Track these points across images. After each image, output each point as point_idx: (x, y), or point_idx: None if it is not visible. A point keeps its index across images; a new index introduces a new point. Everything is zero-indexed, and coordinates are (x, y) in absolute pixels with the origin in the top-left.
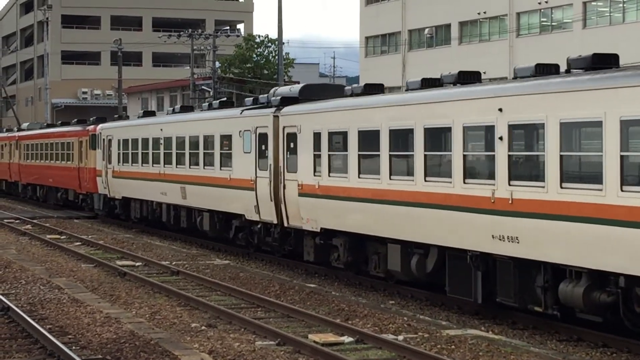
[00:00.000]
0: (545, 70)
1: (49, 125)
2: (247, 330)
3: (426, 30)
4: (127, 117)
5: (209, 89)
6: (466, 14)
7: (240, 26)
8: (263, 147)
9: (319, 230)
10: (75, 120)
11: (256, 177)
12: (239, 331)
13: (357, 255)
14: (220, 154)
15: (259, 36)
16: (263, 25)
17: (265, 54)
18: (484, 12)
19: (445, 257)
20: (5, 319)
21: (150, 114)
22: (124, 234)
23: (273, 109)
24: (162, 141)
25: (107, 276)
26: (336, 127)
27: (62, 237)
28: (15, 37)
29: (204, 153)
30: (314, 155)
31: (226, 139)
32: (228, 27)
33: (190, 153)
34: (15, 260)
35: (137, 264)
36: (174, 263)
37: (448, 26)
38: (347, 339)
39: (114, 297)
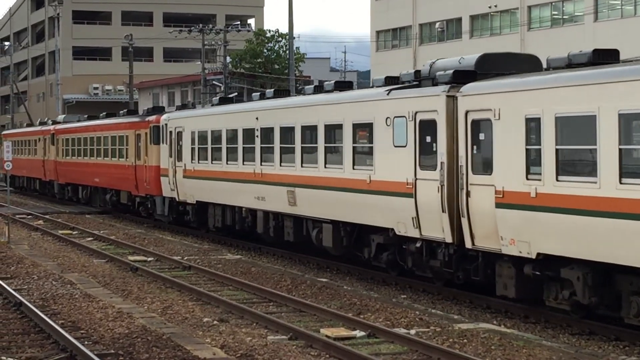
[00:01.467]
0: None
1: (90, 117)
2: (259, 325)
3: (437, 24)
4: (193, 106)
5: (220, 84)
6: (477, 7)
7: (251, 21)
8: (428, 139)
9: (533, 256)
10: (125, 110)
11: (416, 179)
12: (250, 326)
13: (602, 294)
14: (354, 148)
15: (270, 31)
16: (273, 19)
17: (276, 48)
18: (495, 6)
19: None
20: (18, 314)
21: (228, 100)
22: (136, 229)
23: (444, 87)
24: (258, 133)
25: (119, 271)
26: (571, 109)
27: (74, 232)
28: (26, 33)
29: (327, 147)
30: (527, 149)
31: (363, 129)
32: (239, 22)
33: (302, 148)
34: (28, 256)
35: (149, 259)
36: (185, 258)
37: (459, 20)
38: (359, 333)
39: (126, 292)
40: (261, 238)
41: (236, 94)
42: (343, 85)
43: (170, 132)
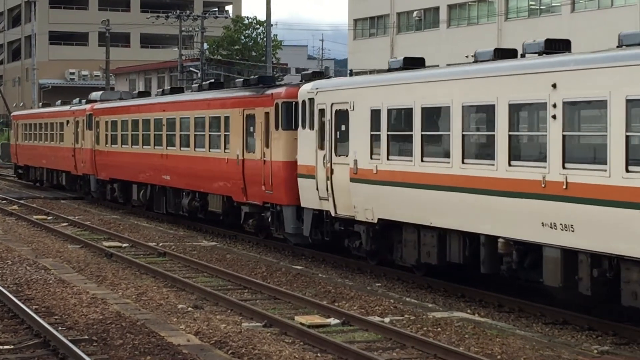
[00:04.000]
0: None
1: (141, 94)
2: (234, 312)
3: (415, 13)
4: (350, 73)
5: (197, 71)
6: None
7: (229, 8)
8: None
9: None
10: (207, 82)
11: None
12: (225, 312)
13: None
14: None
15: (247, 18)
16: (251, 6)
17: (253, 35)
18: None
19: None
20: None
21: (416, 61)
22: (111, 215)
23: None
24: (557, 112)
25: (93, 257)
26: None
27: (49, 217)
28: (2, 17)
29: None
30: None
31: None
32: (216, 9)
33: None
34: (2, 241)
35: (124, 245)
36: (160, 244)
37: (437, 9)
38: (333, 320)
39: (100, 278)
40: (551, 296)
41: (213, 80)
42: None
43: (321, 110)
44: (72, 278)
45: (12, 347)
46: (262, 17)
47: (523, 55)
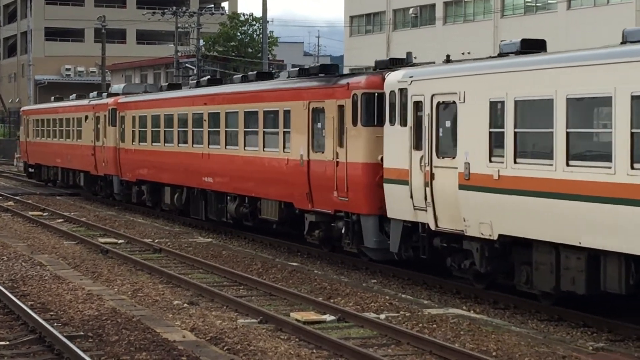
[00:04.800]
0: None
1: (171, 86)
2: (229, 308)
3: (411, 10)
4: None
5: (193, 67)
6: None
7: (225, 4)
8: None
9: None
10: (254, 72)
11: None
12: (221, 309)
13: None
14: None
15: (244, 14)
16: (247, 3)
17: (249, 32)
18: None
19: None
20: None
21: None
22: (107, 211)
23: None
24: None
25: (89, 253)
26: None
27: (45, 214)
28: None
29: None
30: None
31: None
32: (212, 5)
33: None
34: None
35: (120, 241)
36: (156, 241)
37: (433, 6)
38: (328, 317)
39: (96, 274)
40: None
41: (209, 77)
42: None
43: (417, 102)
44: (68, 274)
45: (7, 343)
46: (258, 13)
47: None
